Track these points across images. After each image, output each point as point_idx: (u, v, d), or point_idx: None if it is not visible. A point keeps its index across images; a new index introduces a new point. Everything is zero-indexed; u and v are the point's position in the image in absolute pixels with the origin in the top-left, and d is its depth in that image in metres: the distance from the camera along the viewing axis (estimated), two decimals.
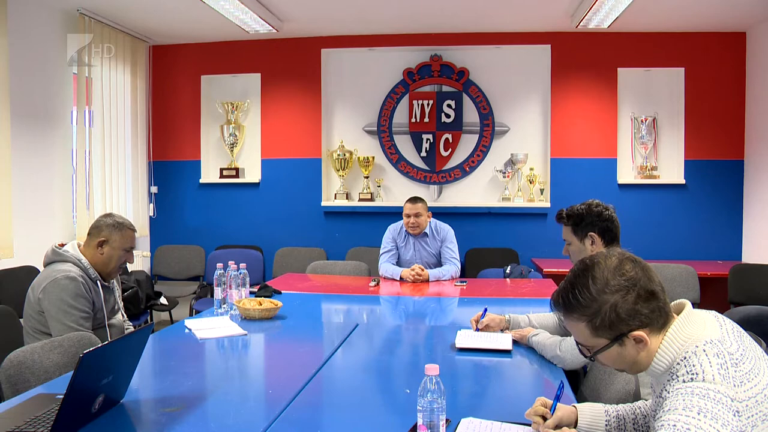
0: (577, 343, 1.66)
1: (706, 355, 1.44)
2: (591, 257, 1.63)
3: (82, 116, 5.72)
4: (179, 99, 7.03)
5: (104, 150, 6.01)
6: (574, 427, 1.79)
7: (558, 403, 1.80)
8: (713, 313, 1.61)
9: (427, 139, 6.70)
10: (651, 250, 6.12)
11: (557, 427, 1.76)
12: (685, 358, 1.47)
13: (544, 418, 1.76)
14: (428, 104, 6.69)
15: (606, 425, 1.81)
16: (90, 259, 3.09)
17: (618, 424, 1.81)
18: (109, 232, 3.10)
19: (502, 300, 3.79)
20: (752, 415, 1.38)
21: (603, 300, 1.54)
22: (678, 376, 1.45)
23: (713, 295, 5.44)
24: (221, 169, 6.96)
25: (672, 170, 6.48)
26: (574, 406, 1.84)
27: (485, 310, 3.08)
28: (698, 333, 1.51)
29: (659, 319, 1.55)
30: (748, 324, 2.83)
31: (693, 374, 1.42)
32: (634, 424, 1.81)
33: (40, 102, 5.40)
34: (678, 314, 1.58)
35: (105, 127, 6.01)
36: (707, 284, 5.44)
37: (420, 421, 1.56)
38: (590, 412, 1.82)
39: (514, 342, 2.83)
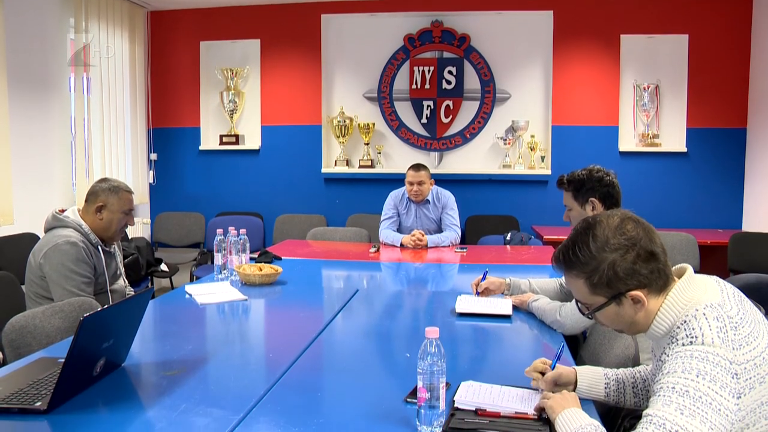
0: (577, 301, 1.66)
1: (706, 318, 1.45)
2: (593, 216, 1.63)
3: (80, 83, 5.67)
4: (178, 65, 6.97)
5: (103, 117, 5.98)
6: (574, 389, 1.80)
7: (558, 363, 1.81)
8: (714, 278, 1.61)
9: (428, 106, 6.65)
10: (651, 218, 5.95)
11: (556, 385, 1.78)
12: (685, 321, 1.48)
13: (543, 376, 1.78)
14: (429, 70, 6.63)
15: (605, 388, 1.82)
16: (90, 225, 3.08)
17: (617, 388, 1.82)
18: (106, 196, 3.08)
19: (502, 266, 3.79)
20: (750, 378, 1.40)
21: (602, 258, 1.54)
22: (677, 340, 1.46)
23: (713, 263, 5.44)
24: (221, 136, 6.93)
25: (674, 138, 6.44)
26: (574, 369, 1.85)
27: (485, 273, 3.08)
28: (699, 297, 1.51)
29: (658, 280, 1.55)
30: (747, 291, 2.81)
31: (693, 337, 1.43)
32: (633, 388, 1.82)
33: (37, 68, 5.35)
34: (679, 278, 1.58)
35: (103, 93, 5.97)
36: (707, 252, 5.44)
37: (420, 384, 1.56)
38: (590, 374, 1.84)
39: (514, 307, 2.84)
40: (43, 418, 1.66)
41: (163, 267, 5.65)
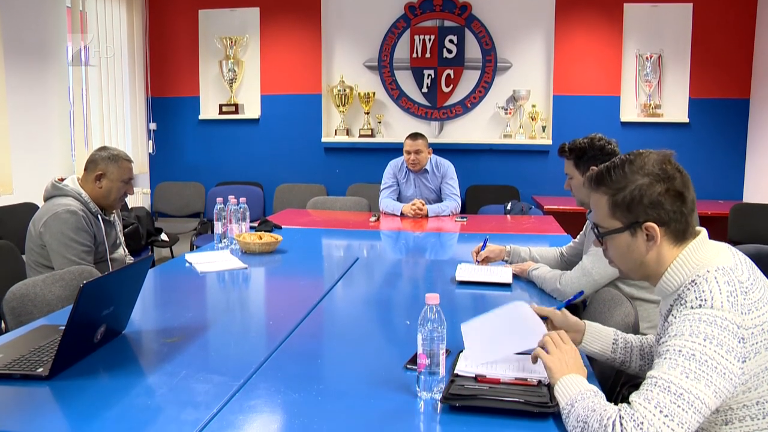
0: (593, 226, 1.66)
1: (717, 281, 1.44)
2: (638, 150, 1.62)
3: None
4: (177, 34, 6.91)
5: (101, 86, 5.94)
6: (580, 341, 1.82)
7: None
8: (726, 244, 1.61)
9: (429, 75, 6.61)
10: None
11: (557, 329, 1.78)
12: (694, 281, 1.48)
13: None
14: (430, 39, 6.57)
15: (613, 344, 1.84)
16: (90, 194, 3.07)
17: (625, 347, 1.83)
18: (105, 165, 3.07)
19: (503, 235, 3.79)
20: (756, 343, 1.40)
21: (632, 179, 1.54)
22: (686, 302, 1.45)
23: (713, 233, 5.30)
24: (220, 105, 6.89)
25: (676, 109, 6.41)
26: (584, 321, 1.86)
27: (485, 240, 3.08)
28: (711, 258, 1.52)
29: (678, 224, 1.54)
30: None
31: (702, 300, 1.43)
32: (641, 351, 1.83)
33: (34, 37, 5.29)
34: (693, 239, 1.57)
35: (101, 63, 5.92)
36: (707, 223, 5.32)
37: (420, 350, 1.57)
38: (599, 329, 1.86)
39: (514, 276, 2.84)
40: (45, 384, 1.67)
41: (164, 237, 5.64)
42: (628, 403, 1.34)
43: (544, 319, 1.83)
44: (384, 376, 1.75)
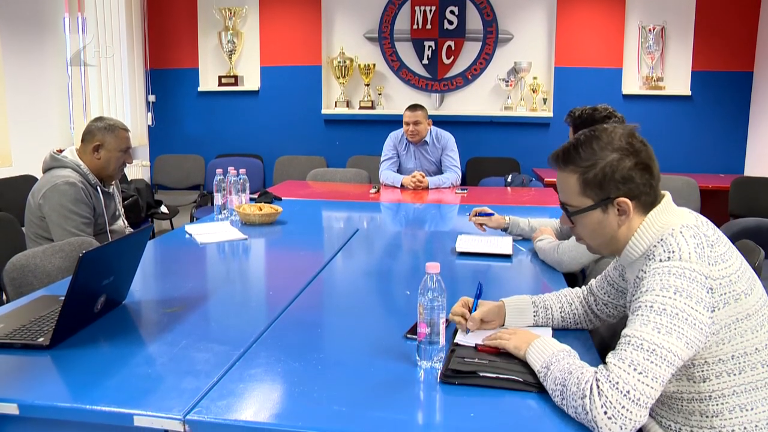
0: (561, 204, 1.65)
1: (683, 236, 1.48)
2: (601, 125, 1.62)
3: (75, 23, 5.57)
4: (175, 5, 6.83)
5: (99, 58, 5.89)
6: (503, 324, 1.82)
7: (480, 301, 1.82)
8: (688, 209, 1.62)
9: (429, 47, 6.55)
10: None
11: (483, 322, 1.78)
12: (661, 239, 1.50)
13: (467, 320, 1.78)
14: (430, 10, 6.51)
15: (534, 316, 1.85)
16: (88, 165, 3.05)
17: (546, 314, 1.85)
18: (103, 135, 3.05)
19: (503, 207, 3.77)
20: (724, 293, 1.43)
21: (602, 155, 1.54)
22: (655, 256, 1.48)
23: (713, 207, 5.43)
24: (220, 77, 6.85)
25: (678, 81, 6.36)
26: (502, 301, 1.86)
27: (490, 213, 3.09)
28: (675, 220, 1.54)
29: (648, 196, 1.55)
30: (747, 235, 2.82)
31: (670, 252, 1.46)
32: (561, 313, 1.86)
33: (30, 8, 5.24)
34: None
35: (99, 34, 5.86)
36: (708, 197, 5.44)
37: (420, 319, 1.57)
38: (518, 304, 1.85)
39: (514, 247, 2.85)
40: (46, 353, 1.67)
41: (163, 209, 5.63)
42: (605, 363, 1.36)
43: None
44: (384, 345, 1.75)
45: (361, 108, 6.66)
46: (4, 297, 2.43)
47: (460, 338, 1.74)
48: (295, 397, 1.46)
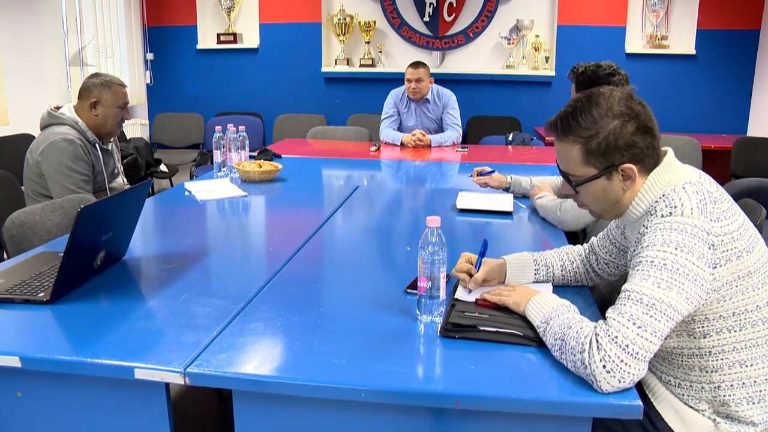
0: (562, 173, 1.62)
1: (686, 191, 1.46)
2: (596, 88, 1.58)
3: None
4: None
5: (96, 15, 5.80)
6: (503, 281, 1.82)
7: (484, 259, 1.81)
8: (691, 166, 1.60)
9: (430, 4, 6.44)
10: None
11: (485, 280, 1.79)
12: (663, 195, 1.49)
13: (471, 276, 1.77)
14: None
15: (535, 273, 1.85)
16: (86, 122, 3.02)
17: (546, 272, 1.85)
18: (99, 91, 3.01)
19: (504, 166, 3.77)
20: (726, 250, 1.42)
21: (604, 123, 1.50)
22: (657, 212, 1.47)
23: (716, 167, 5.39)
24: (218, 35, 6.76)
25: (683, 40, 6.26)
26: (503, 258, 1.85)
27: (490, 171, 3.08)
28: (678, 177, 1.52)
29: (651, 158, 1.53)
30: (748, 195, 2.81)
31: (672, 208, 1.44)
32: (562, 270, 1.86)
33: None
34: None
35: None
36: (710, 157, 5.41)
37: (420, 273, 1.56)
38: (519, 261, 1.85)
39: (515, 204, 2.85)
40: (47, 308, 1.67)
41: (163, 168, 5.61)
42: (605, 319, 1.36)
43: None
44: (384, 300, 1.75)
45: (361, 66, 6.59)
46: (5, 254, 2.43)
47: (461, 294, 1.74)
48: (295, 351, 1.46)
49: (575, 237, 2.66)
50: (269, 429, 1.39)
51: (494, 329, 1.50)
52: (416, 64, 4.90)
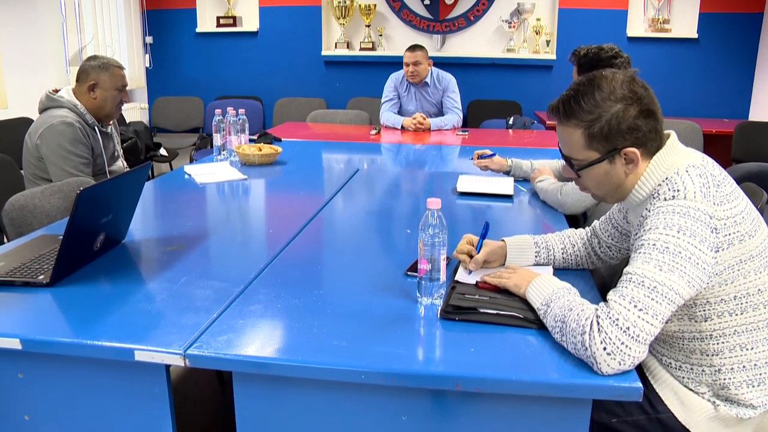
0: (564, 157, 1.61)
1: (689, 175, 1.46)
2: (598, 71, 1.56)
3: None
4: None
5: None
6: (503, 263, 1.82)
7: (484, 240, 1.80)
8: (694, 149, 1.59)
9: None
10: None
11: (486, 262, 1.79)
12: (666, 178, 1.48)
13: (472, 257, 1.77)
14: None
15: (536, 256, 1.84)
16: (85, 105, 3.00)
17: (547, 255, 1.85)
18: (97, 74, 2.99)
19: (504, 149, 3.75)
20: (729, 234, 1.42)
21: (606, 107, 1.49)
22: (660, 195, 1.46)
23: (717, 152, 5.32)
24: (218, 18, 6.72)
25: (685, 23, 6.22)
26: (503, 240, 1.85)
27: (491, 154, 3.07)
28: (681, 160, 1.51)
29: (654, 141, 1.52)
30: (749, 179, 2.81)
31: (675, 191, 1.44)
32: (563, 254, 1.86)
33: None
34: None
35: None
36: (711, 141, 5.39)
37: (421, 255, 1.56)
38: (520, 243, 1.85)
39: (515, 187, 2.85)
40: (47, 291, 1.67)
41: (162, 152, 5.60)
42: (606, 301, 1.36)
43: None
44: (384, 282, 1.75)
45: (361, 49, 6.56)
46: (5, 238, 2.43)
47: (461, 276, 1.73)
48: (295, 333, 1.46)
49: (576, 220, 2.66)
50: (269, 411, 1.40)
51: (494, 311, 1.50)
52: (413, 48, 4.88)
